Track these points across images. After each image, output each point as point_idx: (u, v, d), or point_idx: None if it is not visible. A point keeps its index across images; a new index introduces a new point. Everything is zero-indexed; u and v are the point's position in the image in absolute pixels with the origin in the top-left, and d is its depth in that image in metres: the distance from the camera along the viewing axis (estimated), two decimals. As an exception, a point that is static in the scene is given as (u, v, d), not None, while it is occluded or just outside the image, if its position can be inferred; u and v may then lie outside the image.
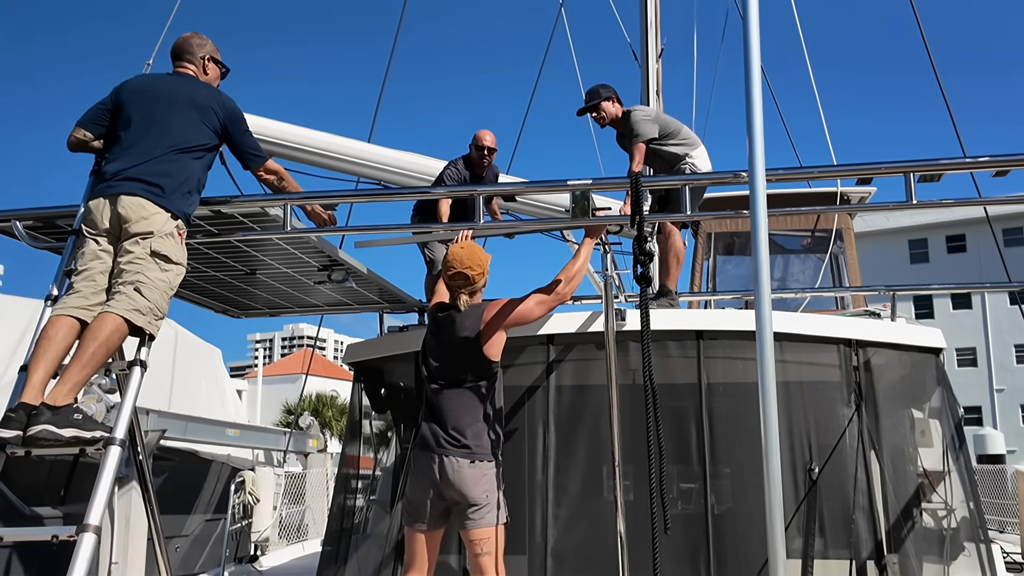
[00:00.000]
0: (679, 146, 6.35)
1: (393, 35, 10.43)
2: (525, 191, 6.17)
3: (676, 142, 6.36)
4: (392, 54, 10.32)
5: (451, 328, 4.65)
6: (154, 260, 4.23)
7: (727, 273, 10.21)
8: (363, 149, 7.28)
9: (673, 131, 6.38)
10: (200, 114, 4.52)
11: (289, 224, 4.73)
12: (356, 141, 7.40)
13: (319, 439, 13.97)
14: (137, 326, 4.14)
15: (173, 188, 4.34)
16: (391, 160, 7.29)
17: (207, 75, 4.79)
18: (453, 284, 4.69)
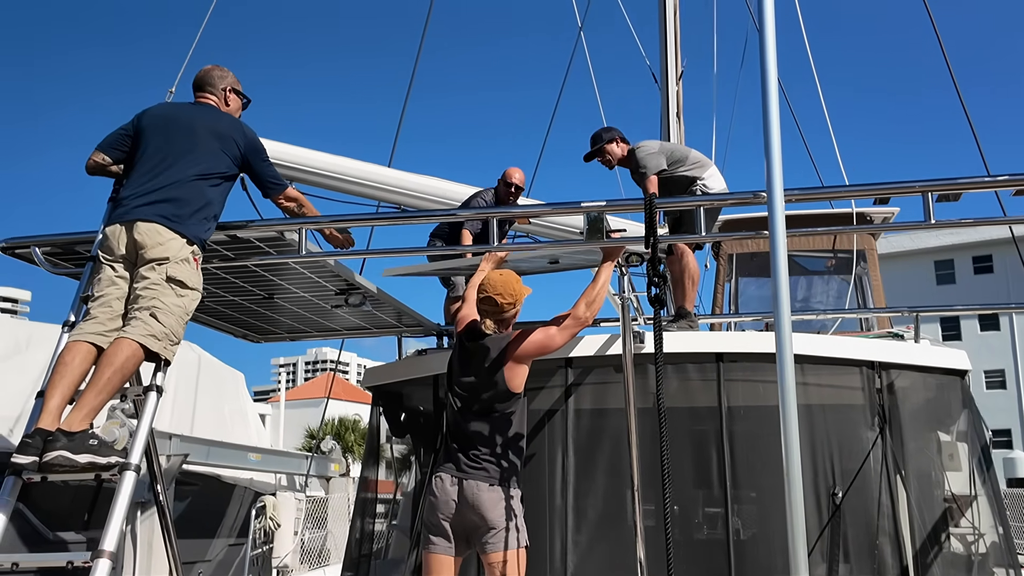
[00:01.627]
0: (690, 170, 6.35)
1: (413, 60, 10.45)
2: (539, 213, 6.15)
3: (686, 168, 6.36)
4: (412, 79, 10.35)
5: (477, 356, 4.63)
6: (170, 286, 4.23)
7: (749, 294, 10.15)
8: (381, 173, 7.29)
9: (680, 157, 6.38)
10: (221, 143, 4.54)
11: (304, 248, 4.72)
12: (375, 165, 7.42)
13: (341, 463, 13.97)
14: (153, 351, 4.14)
15: (189, 214, 4.35)
16: (410, 184, 7.29)
17: (228, 106, 4.82)
18: (481, 307, 4.68)
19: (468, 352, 4.67)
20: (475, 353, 4.64)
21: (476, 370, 4.60)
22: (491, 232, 4.72)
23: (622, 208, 4.92)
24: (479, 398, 4.56)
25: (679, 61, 9.38)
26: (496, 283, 4.64)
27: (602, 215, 4.57)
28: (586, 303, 4.69)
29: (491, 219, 4.75)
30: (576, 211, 4.69)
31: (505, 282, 4.64)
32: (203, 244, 4.45)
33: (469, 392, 4.59)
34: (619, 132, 6.55)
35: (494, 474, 4.47)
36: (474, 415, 4.56)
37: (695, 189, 6.30)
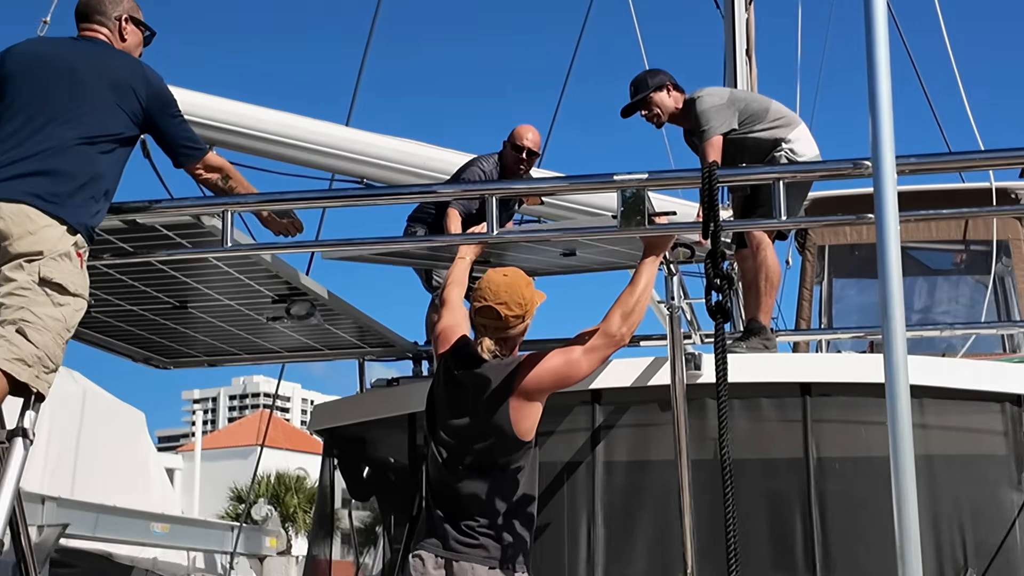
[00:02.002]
0: (770, 130, 6.37)
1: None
2: (556, 190, 6.16)
3: (765, 126, 6.37)
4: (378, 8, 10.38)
5: (471, 390, 4.61)
6: (44, 291, 4.23)
7: (846, 302, 10.16)
8: (338, 135, 7.32)
9: (756, 112, 6.40)
10: (115, 93, 4.54)
11: (230, 238, 4.73)
12: (329, 124, 7.44)
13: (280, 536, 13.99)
14: (20, 382, 4.14)
15: (71, 192, 4.35)
16: (377, 149, 7.32)
17: (124, 41, 4.82)
18: (478, 320, 4.68)
19: (458, 384, 4.66)
20: (468, 385, 4.63)
21: (470, 409, 4.59)
22: (489, 214, 4.72)
23: (671, 182, 4.92)
24: (474, 448, 4.56)
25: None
26: (498, 287, 4.62)
27: (643, 192, 4.57)
28: (621, 315, 4.68)
29: (488, 197, 4.75)
30: (608, 186, 4.69)
31: (511, 285, 4.62)
32: (90, 234, 4.45)
33: (460, 439, 4.59)
34: (670, 77, 6.56)
35: (495, 552, 4.46)
36: (467, 471, 4.56)
37: (778, 155, 6.32)
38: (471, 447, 4.56)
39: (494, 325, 4.61)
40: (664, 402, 5.32)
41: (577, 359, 4.61)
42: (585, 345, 4.63)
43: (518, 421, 4.52)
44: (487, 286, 4.62)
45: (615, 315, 4.66)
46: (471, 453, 4.56)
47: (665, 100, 6.51)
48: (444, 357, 4.80)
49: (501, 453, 4.53)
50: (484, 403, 4.56)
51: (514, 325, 4.63)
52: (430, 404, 4.75)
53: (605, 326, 4.65)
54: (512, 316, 4.59)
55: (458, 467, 4.57)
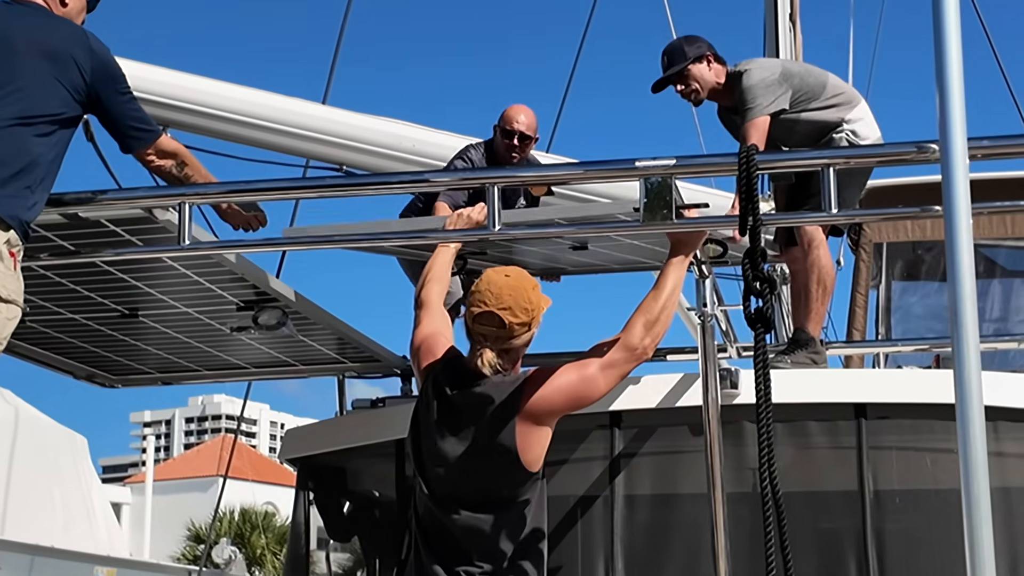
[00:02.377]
0: (826, 109, 6.37)
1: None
2: (566, 177, 6.14)
3: (821, 104, 6.39)
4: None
5: (467, 412, 4.59)
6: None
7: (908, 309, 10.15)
8: (313, 114, 7.31)
9: (813, 88, 6.41)
10: (54, 66, 4.54)
11: (188, 234, 4.72)
12: (302, 102, 7.43)
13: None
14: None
15: (3, 181, 4.36)
16: (359, 131, 7.30)
17: (65, 7, 4.82)
18: (476, 329, 4.62)
19: (450, 406, 4.63)
20: (463, 407, 4.60)
21: (466, 435, 4.56)
22: (491, 207, 4.70)
23: (702, 169, 4.90)
24: (472, 481, 4.53)
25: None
26: (500, 290, 4.58)
27: (669, 181, 4.56)
28: (645, 323, 4.67)
29: (489, 187, 4.73)
30: (629, 174, 4.66)
31: (515, 288, 4.58)
32: (25, 230, 4.45)
33: (454, 472, 4.56)
34: (710, 46, 6.55)
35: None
36: (464, 508, 4.54)
37: (837, 139, 6.34)
38: (468, 480, 4.54)
39: (496, 334, 4.57)
40: (695, 426, 5.33)
41: (593, 376, 4.59)
42: (602, 359, 4.61)
43: (525, 449, 4.49)
44: (487, 289, 4.58)
45: (637, 324, 4.65)
46: (468, 487, 4.53)
47: (705, 73, 6.50)
48: (431, 373, 4.75)
49: (505, 486, 4.51)
50: (484, 428, 4.53)
51: (519, 334, 4.60)
52: (415, 430, 4.71)
53: (626, 337, 4.64)
54: (517, 324, 4.56)
55: (453, 504, 4.55)
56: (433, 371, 4.71)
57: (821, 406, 5.47)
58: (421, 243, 5.77)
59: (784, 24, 9.16)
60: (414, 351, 4.88)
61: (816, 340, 6.21)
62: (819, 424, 5.45)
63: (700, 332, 5.22)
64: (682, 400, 5.49)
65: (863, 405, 5.43)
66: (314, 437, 6.72)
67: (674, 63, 6.50)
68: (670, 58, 6.53)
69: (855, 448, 5.39)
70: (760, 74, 6.34)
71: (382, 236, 5.54)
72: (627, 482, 5.53)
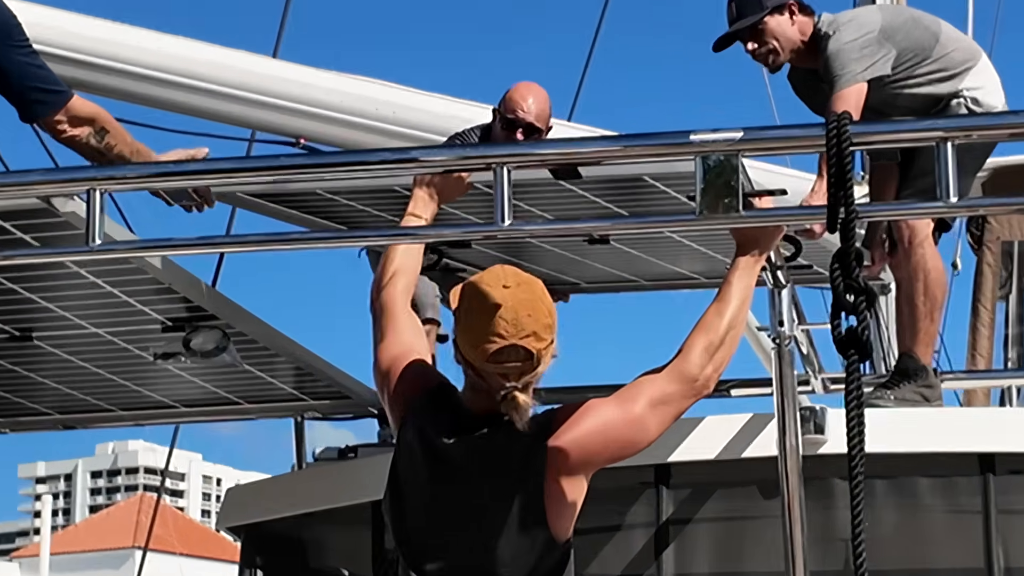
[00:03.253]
0: (937, 74, 6.44)
1: None
2: (605, 156, 6.13)
3: (931, 68, 6.45)
4: None
5: (473, 468, 4.52)
6: None
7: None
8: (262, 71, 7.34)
9: (920, 46, 6.48)
10: None
11: (99, 231, 4.72)
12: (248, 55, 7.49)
13: None
14: None
15: None
16: (324, 94, 7.34)
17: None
18: (493, 370, 4.54)
19: (446, 459, 4.56)
20: (466, 461, 4.54)
21: (472, 499, 4.51)
22: (499, 192, 4.68)
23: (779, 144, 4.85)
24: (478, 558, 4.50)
25: None
26: (516, 312, 4.38)
27: (735, 160, 4.57)
28: (707, 347, 4.66)
29: (499, 169, 4.74)
30: (682, 150, 4.64)
31: (532, 303, 4.41)
32: None
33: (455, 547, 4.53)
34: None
35: None
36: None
37: (954, 105, 6.41)
38: (471, 558, 4.53)
39: (521, 369, 4.53)
40: (767, 483, 5.35)
41: (641, 416, 4.56)
42: (652, 393, 4.58)
43: (555, 517, 4.46)
44: (500, 317, 4.50)
45: (696, 347, 4.64)
46: (471, 567, 4.53)
47: (786, 28, 6.53)
48: (410, 412, 4.68)
49: (523, 567, 4.50)
50: (497, 490, 4.50)
51: (545, 357, 4.57)
52: (394, 490, 4.66)
53: (682, 364, 4.63)
54: (545, 348, 4.52)
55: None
56: (412, 409, 4.64)
57: (935, 457, 5.50)
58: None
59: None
60: (380, 378, 4.82)
61: (927, 369, 6.23)
62: (932, 481, 5.48)
63: (775, 360, 5.24)
64: (751, 449, 5.51)
65: (990, 456, 5.45)
66: (263, 498, 6.74)
67: (745, 13, 6.51)
68: (740, 6, 6.55)
69: (980, 512, 5.40)
70: (853, 31, 6.38)
71: (354, 236, 5.55)
72: (678, 558, 5.55)
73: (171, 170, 4.95)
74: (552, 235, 5.58)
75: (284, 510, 6.49)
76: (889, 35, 6.40)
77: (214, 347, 5.91)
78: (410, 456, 4.59)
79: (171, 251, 5.10)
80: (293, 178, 5.11)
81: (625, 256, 6.12)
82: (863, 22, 6.48)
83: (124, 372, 6.38)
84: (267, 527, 6.58)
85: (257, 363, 6.30)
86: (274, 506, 6.57)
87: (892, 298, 7.00)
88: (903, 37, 6.42)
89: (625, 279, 6.46)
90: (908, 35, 6.44)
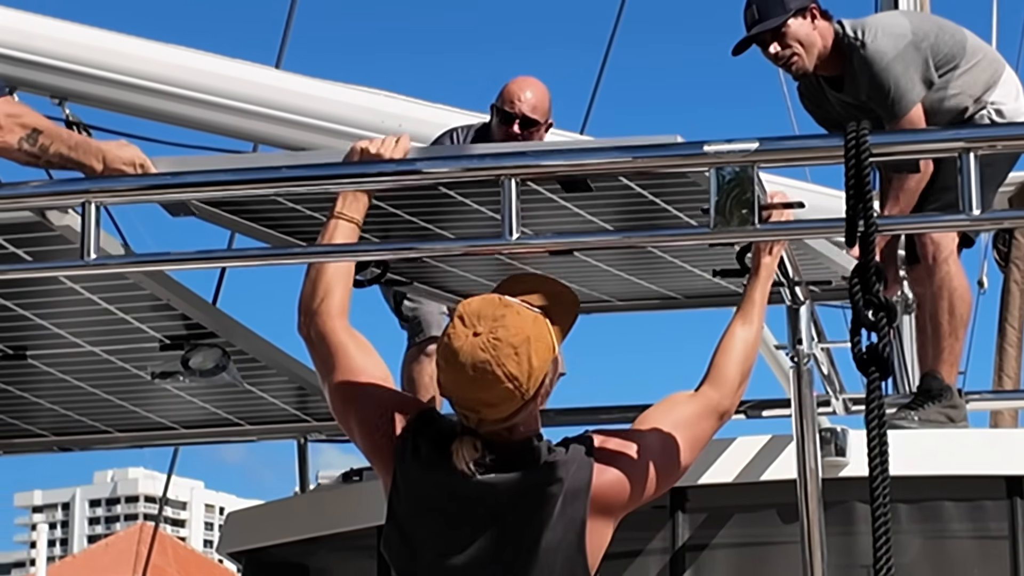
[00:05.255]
0: (966, 86, 6.46)
1: None
2: (615, 168, 6.10)
3: (959, 79, 6.48)
4: None
5: (500, 506, 4.42)
6: None
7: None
8: (263, 82, 7.35)
9: (948, 55, 6.49)
10: None
11: (94, 245, 4.68)
12: (248, 65, 7.51)
13: None
14: None
15: None
16: (327, 106, 7.36)
17: None
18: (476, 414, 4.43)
19: (461, 501, 4.44)
20: (488, 498, 4.44)
21: (496, 542, 4.41)
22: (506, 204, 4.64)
23: (796, 155, 4.79)
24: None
25: None
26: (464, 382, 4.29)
27: (751, 171, 4.54)
28: (743, 368, 4.64)
29: (506, 181, 4.71)
30: (695, 162, 4.63)
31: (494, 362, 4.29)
32: None
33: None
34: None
35: None
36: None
37: (977, 118, 6.43)
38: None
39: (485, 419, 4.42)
40: (786, 507, 5.34)
41: (682, 452, 4.50)
42: (690, 425, 4.53)
43: (594, 555, 4.41)
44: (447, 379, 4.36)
45: (730, 368, 4.61)
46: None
47: (809, 32, 6.52)
48: (405, 443, 4.52)
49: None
50: (527, 530, 4.38)
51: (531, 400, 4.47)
52: (394, 531, 4.54)
53: (717, 392, 4.59)
54: (513, 404, 4.39)
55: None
56: (403, 445, 4.40)
57: (960, 480, 5.49)
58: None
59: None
60: (341, 416, 4.57)
61: (952, 389, 6.21)
62: (957, 505, 5.47)
63: (794, 379, 5.23)
64: (769, 472, 5.51)
65: (1018, 479, 5.44)
66: (265, 523, 6.72)
67: (767, 14, 6.49)
68: (761, 7, 6.52)
69: (1007, 538, 5.39)
70: (890, 43, 6.37)
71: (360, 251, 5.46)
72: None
73: (168, 182, 4.91)
74: (560, 246, 5.53)
75: (286, 535, 6.49)
76: (919, 41, 6.42)
77: (214, 366, 5.88)
78: (410, 491, 4.40)
79: (169, 266, 5.05)
80: (294, 189, 5.05)
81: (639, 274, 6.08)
82: (895, 29, 6.48)
83: (121, 392, 6.37)
84: (269, 552, 6.59)
85: (258, 383, 6.28)
86: (276, 531, 6.57)
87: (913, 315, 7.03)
88: (930, 44, 6.44)
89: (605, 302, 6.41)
90: (937, 43, 6.45)
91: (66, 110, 6.17)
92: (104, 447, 7.23)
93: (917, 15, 6.86)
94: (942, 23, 6.65)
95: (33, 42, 6.52)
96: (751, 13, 6.53)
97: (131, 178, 4.90)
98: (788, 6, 6.46)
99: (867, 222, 4.28)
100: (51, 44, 6.73)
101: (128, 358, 5.95)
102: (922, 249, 6.24)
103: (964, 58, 6.43)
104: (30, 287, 5.26)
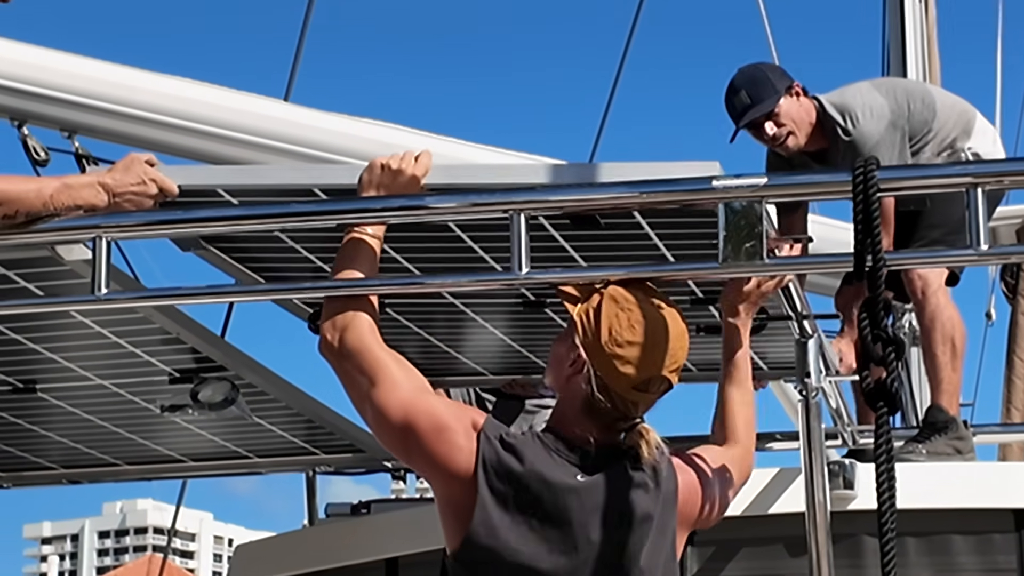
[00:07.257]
0: (940, 146, 6.62)
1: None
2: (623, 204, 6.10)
3: (933, 142, 6.63)
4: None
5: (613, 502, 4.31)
6: None
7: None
8: (272, 115, 7.38)
9: (924, 120, 6.62)
10: None
11: (104, 280, 4.71)
12: (259, 98, 7.56)
13: None
14: None
15: None
16: (337, 139, 7.37)
17: None
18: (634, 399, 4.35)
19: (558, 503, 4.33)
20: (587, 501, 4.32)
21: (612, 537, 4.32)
22: (516, 241, 4.66)
23: (803, 190, 4.84)
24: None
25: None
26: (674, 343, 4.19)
27: (759, 206, 4.56)
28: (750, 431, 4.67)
29: (515, 216, 4.73)
30: (703, 197, 4.63)
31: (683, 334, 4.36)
32: None
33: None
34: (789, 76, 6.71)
35: None
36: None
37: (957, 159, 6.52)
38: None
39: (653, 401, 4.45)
40: (794, 540, 5.35)
41: (732, 490, 4.61)
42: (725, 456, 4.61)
43: None
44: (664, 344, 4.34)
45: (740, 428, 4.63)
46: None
47: (798, 110, 6.63)
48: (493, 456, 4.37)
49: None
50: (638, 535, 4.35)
51: None
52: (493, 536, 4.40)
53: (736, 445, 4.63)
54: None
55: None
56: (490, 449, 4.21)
57: (968, 513, 5.50)
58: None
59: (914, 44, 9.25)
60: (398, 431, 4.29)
61: (957, 421, 6.25)
62: (966, 539, 5.46)
63: (802, 412, 5.21)
64: (777, 505, 5.53)
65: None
66: (274, 555, 6.72)
67: (759, 97, 6.59)
68: (753, 91, 6.61)
69: (1015, 571, 5.41)
70: (876, 124, 6.49)
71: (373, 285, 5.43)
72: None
73: (179, 217, 4.94)
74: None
75: (295, 567, 6.48)
76: (897, 115, 6.52)
77: (223, 399, 5.90)
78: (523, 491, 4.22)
79: (179, 300, 5.08)
80: (302, 225, 5.07)
81: None
82: (878, 113, 6.55)
83: (130, 425, 6.38)
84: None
85: (267, 415, 6.30)
86: (284, 563, 6.55)
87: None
88: (906, 120, 6.56)
89: None
90: (911, 116, 6.57)
91: (75, 143, 6.19)
92: (113, 480, 7.23)
93: (886, 86, 6.84)
94: (909, 88, 6.76)
95: (42, 75, 6.55)
96: (740, 99, 6.61)
97: (141, 213, 4.92)
98: (777, 87, 6.58)
99: (875, 257, 4.29)
100: (60, 77, 6.75)
101: (137, 391, 5.96)
102: (910, 285, 6.29)
103: (936, 119, 6.54)
104: (40, 321, 5.28)
